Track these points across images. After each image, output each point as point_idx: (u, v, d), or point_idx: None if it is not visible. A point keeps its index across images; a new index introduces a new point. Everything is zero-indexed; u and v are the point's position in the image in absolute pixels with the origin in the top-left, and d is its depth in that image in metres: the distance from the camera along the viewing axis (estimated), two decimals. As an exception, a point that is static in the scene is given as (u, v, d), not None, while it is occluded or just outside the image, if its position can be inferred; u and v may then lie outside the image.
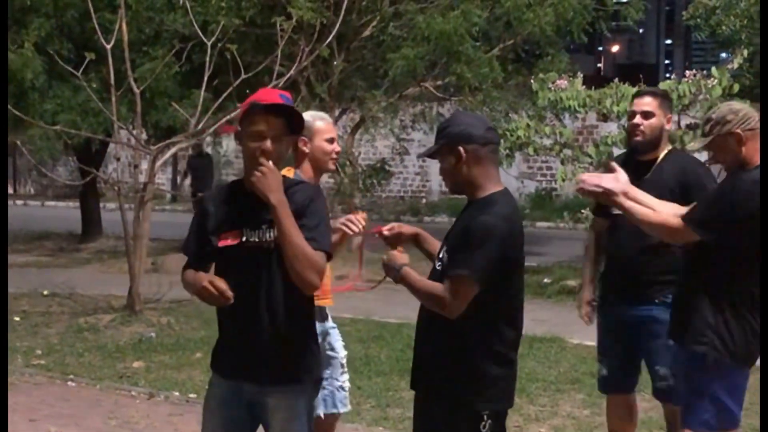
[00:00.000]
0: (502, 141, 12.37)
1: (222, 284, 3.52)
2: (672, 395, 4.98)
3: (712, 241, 4.21)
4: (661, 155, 5.09)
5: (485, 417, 3.67)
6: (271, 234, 3.62)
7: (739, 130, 4.27)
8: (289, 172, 4.82)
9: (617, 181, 4.31)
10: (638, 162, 5.05)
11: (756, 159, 4.28)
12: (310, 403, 3.81)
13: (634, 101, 5.18)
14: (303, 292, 3.62)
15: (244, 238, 3.65)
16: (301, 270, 3.53)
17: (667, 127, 5.11)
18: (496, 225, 3.59)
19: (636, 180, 4.91)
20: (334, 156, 4.97)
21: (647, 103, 5.06)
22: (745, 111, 4.35)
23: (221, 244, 3.69)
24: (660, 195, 4.77)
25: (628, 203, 4.32)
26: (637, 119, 5.05)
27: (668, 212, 4.37)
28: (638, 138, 5.05)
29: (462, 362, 3.67)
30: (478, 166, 3.73)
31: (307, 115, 4.86)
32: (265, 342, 3.65)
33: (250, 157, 3.61)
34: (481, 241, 3.57)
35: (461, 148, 3.71)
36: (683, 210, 4.33)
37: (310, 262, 3.54)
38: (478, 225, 3.60)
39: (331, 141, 4.94)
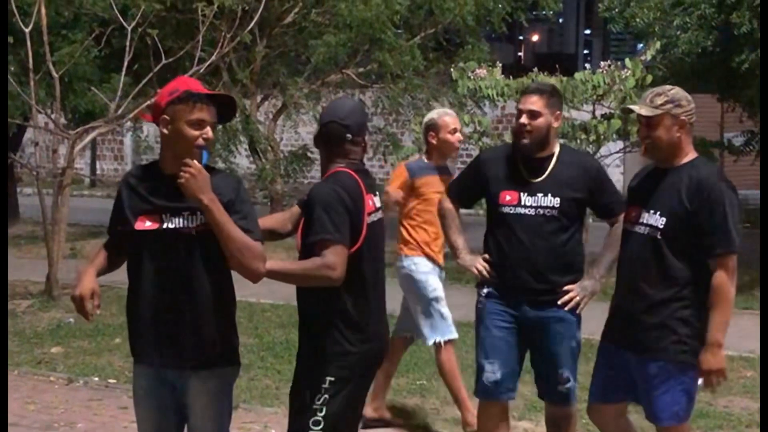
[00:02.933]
0: (421, 128, 12.48)
1: (89, 306, 3.72)
2: (572, 397, 5.00)
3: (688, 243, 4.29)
4: (555, 153, 4.94)
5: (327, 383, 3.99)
6: (193, 221, 3.68)
7: (685, 118, 4.40)
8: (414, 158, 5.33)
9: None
10: (530, 159, 4.91)
11: (687, 151, 4.42)
12: (230, 386, 3.90)
13: (521, 99, 4.97)
14: (248, 280, 3.76)
15: (164, 225, 3.69)
16: (246, 261, 3.65)
17: (555, 125, 4.94)
18: (332, 192, 4.01)
19: (531, 178, 4.87)
20: (457, 145, 6.16)
21: (533, 102, 4.87)
22: (694, 105, 4.47)
23: (138, 226, 3.72)
24: (557, 190, 4.82)
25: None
26: (524, 119, 4.86)
27: (719, 283, 4.25)
28: (525, 140, 4.87)
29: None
30: (342, 151, 4.15)
31: (435, 113, 6.19)
32: (185, 327, 3.72)
33: (188, 143, 3.65)
34: (324, 207, 3.96)
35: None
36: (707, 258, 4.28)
37: (253, 252, 3.65)
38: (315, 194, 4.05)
39: (453, 132, 6.04)
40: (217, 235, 3.62)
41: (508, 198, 4.90)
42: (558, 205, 4.84)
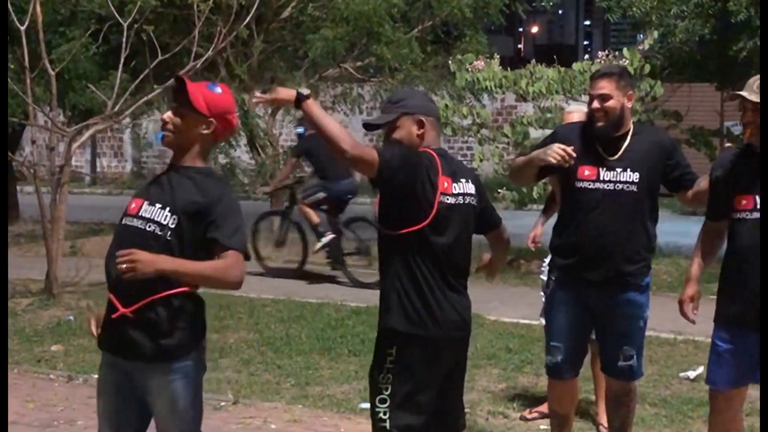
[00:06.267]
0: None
1: (93, 327, 3.90)
2: (634, 373, 5.12)
3: None
4: (630, 130, 5.02)
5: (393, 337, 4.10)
6: (160, 216, 3.70)
7: None
8: None
9: None
10: (606, 138, 4.97)
11: None
12: (193, 380, 3.81)
13: (591, 84, 5.06)
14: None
15: (139, 213, 3.77)
16: (218, 285, 3.72)
17: (628, 104, 5.01)
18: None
19: (610, 153, 4.95)
20: None
21: (602, 86, 4.95)
22: None
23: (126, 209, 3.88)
24: (635, 165, 4.89)
25: None
26: (596, 104, 4.94)
27: None
28: (600, 123, 4.94)
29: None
30: (430, 136, 4.21)
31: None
32: (139, 319, 3.68)
33: None
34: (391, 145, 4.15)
35: (424, 119, 4.17)
36: None
37: (218, 273, 3.64)
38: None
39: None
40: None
41: (587, 173, 4.95)
42: (638, 180, 4.90)
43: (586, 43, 70.32)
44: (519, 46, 62.64)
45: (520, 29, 62.67)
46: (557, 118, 11.28)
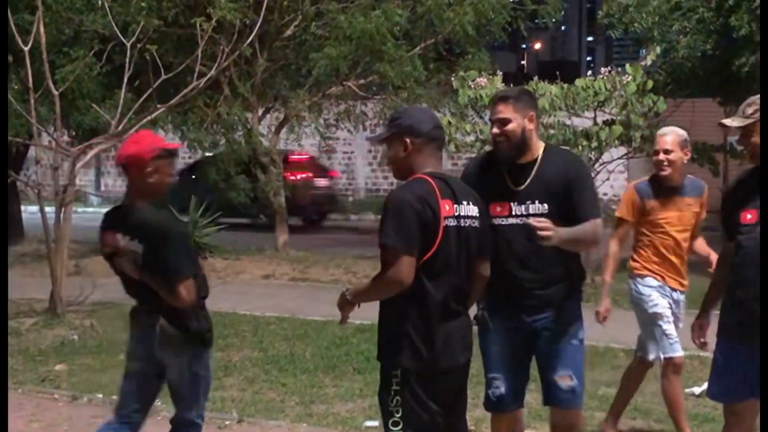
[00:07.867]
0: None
1: None
2: (577, 399, 4.82)
3: None
4: (539, 156, 4.73)
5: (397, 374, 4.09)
6: None
7: None
8: None
9: None
10: (513, 166, 4.73)
11: None
12: None
13: (491, 109, 4.76)
14: None
15: None
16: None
17: (530, 126, 4.69)
18: (403, 198, 4.01)
19: (518, 183, 4.69)
20: (660, 165, 5.96)
21: (500, 110, 4.68)
22: None
23: None
24: (543, 195, 4.65)
25: None
26: (495, 129, 4.69)
27: None
28: (502, 150, 4.70)
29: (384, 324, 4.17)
30: (419, 158, 4.13)
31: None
32: None
33: None
34: (392, 213, 3.99)
35: (408, 140, 4.11)
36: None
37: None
38: (389, 199, 4.07)
39: (656, 153, 5.98)
40: None
41: (499, 209, 4.70)
42: (546, 212, 4.61)
43: (589, 59, 70.55)
44: (522, 62, 62.79)
45: (523, 46, 62.84)
46: (560, 134, 11.29)
